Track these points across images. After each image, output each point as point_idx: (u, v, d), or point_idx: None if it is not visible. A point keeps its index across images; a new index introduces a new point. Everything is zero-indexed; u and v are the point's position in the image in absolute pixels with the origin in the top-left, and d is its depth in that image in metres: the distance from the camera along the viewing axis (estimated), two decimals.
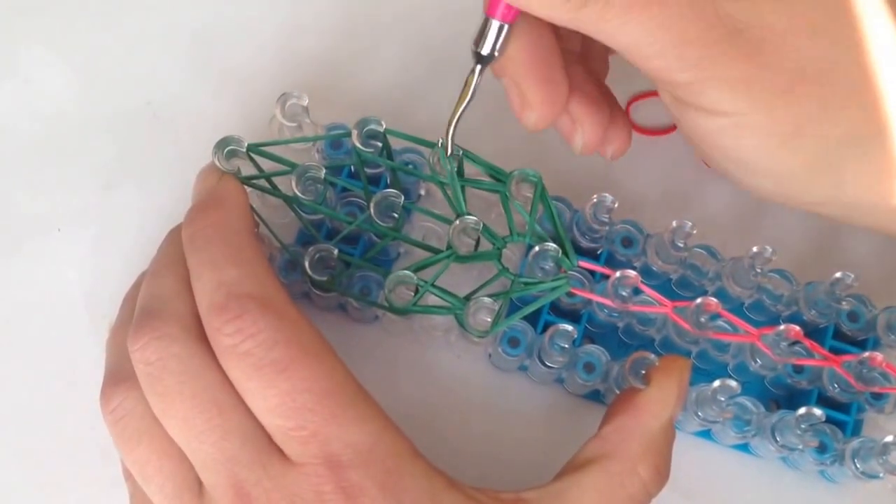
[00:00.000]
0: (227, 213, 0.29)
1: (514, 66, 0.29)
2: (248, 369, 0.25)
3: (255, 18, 0.40)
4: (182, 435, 0.26)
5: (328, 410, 0.25)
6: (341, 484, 0.25)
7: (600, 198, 0.33)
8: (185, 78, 0.39)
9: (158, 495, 0.27)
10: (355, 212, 0.35)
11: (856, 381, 0.32)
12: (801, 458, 0.33)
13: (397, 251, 0.35)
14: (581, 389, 0.34)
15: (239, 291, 0.26)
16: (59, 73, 0.39)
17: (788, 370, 0.33)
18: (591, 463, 0.28)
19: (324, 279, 0.32)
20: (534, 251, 0.31)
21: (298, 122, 0.34)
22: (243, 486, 0.25)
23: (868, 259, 0.37)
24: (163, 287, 0.28)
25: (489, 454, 0.34)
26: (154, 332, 0.26)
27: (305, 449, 0.25)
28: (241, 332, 0.26)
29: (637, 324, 0.33)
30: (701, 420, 0.31)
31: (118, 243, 0.36)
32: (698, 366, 0.34)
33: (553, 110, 0.30)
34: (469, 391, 0.34)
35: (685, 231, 0.32)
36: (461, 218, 0.31)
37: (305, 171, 0.32)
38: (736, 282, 0.33)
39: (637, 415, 0.29)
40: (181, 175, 0.33)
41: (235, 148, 0.31)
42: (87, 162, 0.37)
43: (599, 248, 0.34)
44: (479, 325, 0.31)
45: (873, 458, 0.31)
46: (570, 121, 0.31)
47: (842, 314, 0.34)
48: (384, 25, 0.40)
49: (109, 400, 0.28)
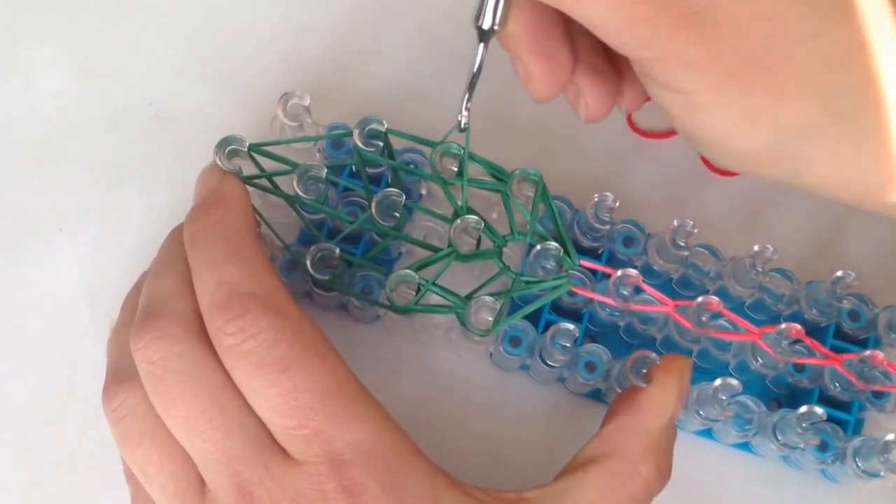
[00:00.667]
0: (228, 213, 0.29)
1: (515, 40, 0.29)
2: (250, 368, 0.25)
3: (258, 18, 0.40)
4: (184, 434, 0.26)
5: (330, 409, 0.25)
6: (343, 482, 0.25)
7: (601, 197, 0.33)
8: (187, 78, 0.39)
9: (161, 495, 0.27)
10: (357, 211, 0.35)
11: (857, 380, 0.32)
12: (803, 457, 0.33)
13: (399, 250, 0.35)
14: (582, 388, 0.34)
15: (241, 290, 0.26)
16: (61, 73, 0.39)
17: (789, 369, 0.33)
18: (592, 462, 0.28)
19: (325, 278, 0.32)
20: (535, 250, 0.31)
21: (300, 122, 0.34)
22: (246, 486, 0.25)
23: (869, 258, 0.37)
24: (164, 286, 0.28)
25: (490, 453, 0.34)
26: (156, 332, 0.26)
27: (307, 448, 0.25)
28: (243, 332, 0.25)
29: (638, 323, 0.33)
30: (702, 419, 0.31)
31: (119, 243, 0.36)
32: (699, 365, 0.34)
33: (555, 82, 0.30)
34: (470, 390, 0.34)
35: (686, 230, 0.32)
36: (462, 217, 0.31)
37: (307, 170, 0.32)
38: (737, 281, 0.33)
39: (639, 414, 0.29)
40: (182, 175, 0.33)
41: (237, 147, 0.31)
42: (89, 162, 0.37)
43: (601, 247, 0.34)
44: (481, 324, 0.31)
45: (874, 456, 0.31)
46: (575, 91, 0.31)
47: (843, 313, 0.34)
48: (386, 25, 0.40)
49: (111, 399, 0.28)
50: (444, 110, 0.31)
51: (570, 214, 0.35)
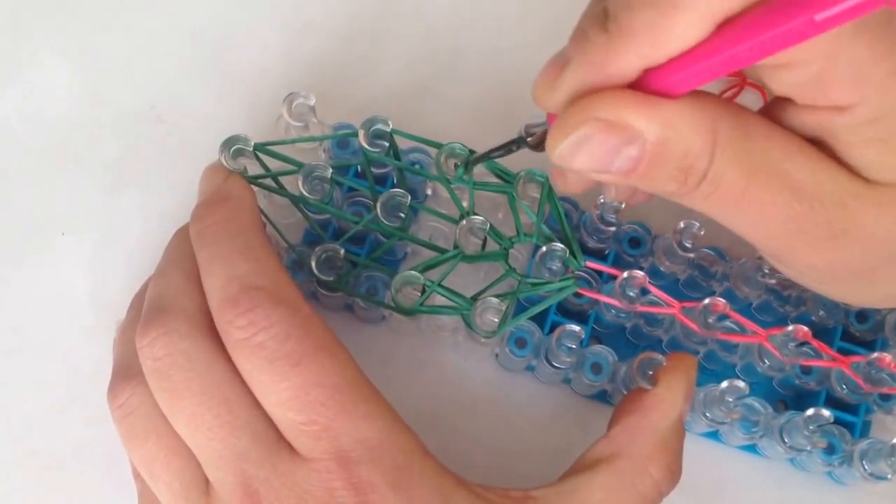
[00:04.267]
0: (235, 210, 0.29)
1: None
2: (260, 362, 0.25)
3: (262, 19, 0.40)
4: (190, 431, 0.26)
5: (340, 405, 0.25)
6: (351, 480, 0.25)
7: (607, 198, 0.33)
8: (190, 80, 0.39)
9: (166, 493, 0.27)
10: (362, 211, 0.34)
11: (864, 383, 0.32)
12: (809, 460, 0.33)
13: (404, 251, 0.35)
14: (588, 390, 0.34)
15: (251, 285, 0.26)
16: (63, 76, 0.39)
17: (796, 371, 0.33)
18: (600, 462, 0.28)
19: (330, 279, 0.32)
20: (541, 251, 0.31)
21: (305, 122, 0.34)
22: (252, 484, 0.25)
23: None
24: (171, 284, 0.28)
25: (495, 454, 0.33)
26: (162, 328, 0.26)
27: (316, 444, 0.25)
28: (253, 325, 0.25)
29: (644, 324, 0.33)
30: (709, 421, 0.31)
31: (122, 246, 0.36)
32: (706, 366, 0.34)
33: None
34: (476, 391, 0.34)
35: (693, 231, 0.32)
36: (468, 218, 0.31)
37: (312, 170, 0.31)
38: (744, 282, 0.33)
39: (647, 414, 0.29)
40: (185, 178, 0.32)
41: (242, 147, 0.31)
42: (91, 165, 0.37)
43: (607, 248, 0.34)
44: (486, 326, 0.31)
45: (882, 459, 0.31)
46: None
47: (850, 315, 0.34)
48: (391, 25, 0.40)
49: (117, 395, 0.28)
50: (449, 110, 0.31)
51: (576, 215, 0.35)
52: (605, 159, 0.24)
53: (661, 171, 0.24)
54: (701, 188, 0.24)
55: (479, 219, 0.31)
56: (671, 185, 0.24)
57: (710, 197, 0.25)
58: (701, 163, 0.24)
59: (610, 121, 0.23)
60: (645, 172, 0.24)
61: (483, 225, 0.31)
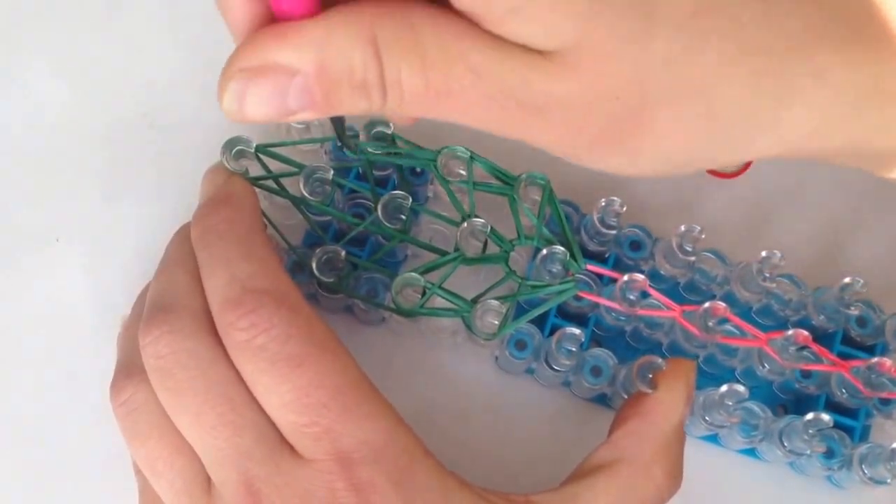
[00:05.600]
0: (237, 211, 0.29)
1: None
2: (261, 364, 0.25)
3: None
4: (193, 430, 0.26)
5: (341, 406, 0.25)
6: (353, 481, 0.25)
7: (608, 201, 0.33)
8: (183, 87, 0.38)
9: (168, 491, 0.27)
10: (363, 213, 0.34)
11: (864, 387, 0.32)
12: (809, 464, 0.33)
13: (405, 253, 0.35)
14: (588, 393, 0.34)
15: (253, 286, 0.26)
16: (56, 84, 0.38)
17: (796, 375, 0.33)
18: (602, 468, 0.28)
19: (331, 281, 0.32)
20: (541, 254, 0.31)
21: (306, 124, 0.34)
22: (254, 483, 0.25)
23: (877, 264, 0.37)
24: (173, 283, 0.28)
25: (495, 457, 0.33)
26: (165, 326, 0.26)
27: (317, 445, 0.25)
28: (255, 327, 0.25)
29: (645, 327, 0.33)
30: (708, 424, 0.31)
31: (117, 253, 0.36)
32: (706, 370, 0.34)
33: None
34: (475, 394, 0.34)
35: (693, 235, 0.32)
36: (469, 220, 0.31)
37: (313, 172, 0.31)
38: (744, 286, 0.33)
39: (648, 418, 0.29)
40: (180, 185, 0.32)
41: (244, 148, 0.31)
42: (85, 172, 0.37)
43: (607, 251, 0.34)
44: (487, 328, 0.31)
45: (881, 463, 0.31)
46: None
47: (850, 319, 0.34)
48: None
49: (120, 393, 0.28)
50: None
51: (576, 218, 0.35)
52: (276, 103, 0.22)
53: (339, 95, 0.22)
54: (390, 98, 0.22)
55: (479, 221, 0.31)
56: (363, 104, 0.22)
57: (407, 103, 0.22)
58: (371, 74, 0.22)
59: (255, 67, 0.22)
60: (325, 102, 0.22)
61: (484, 227, 0.31)
